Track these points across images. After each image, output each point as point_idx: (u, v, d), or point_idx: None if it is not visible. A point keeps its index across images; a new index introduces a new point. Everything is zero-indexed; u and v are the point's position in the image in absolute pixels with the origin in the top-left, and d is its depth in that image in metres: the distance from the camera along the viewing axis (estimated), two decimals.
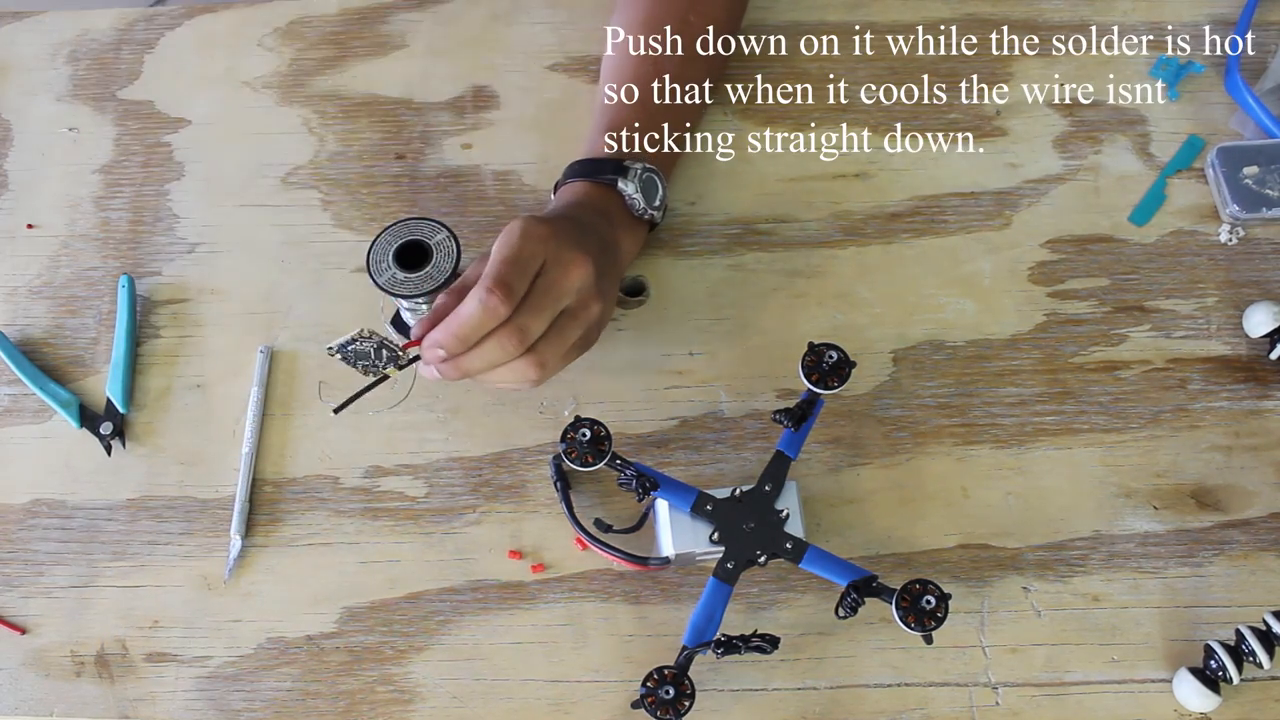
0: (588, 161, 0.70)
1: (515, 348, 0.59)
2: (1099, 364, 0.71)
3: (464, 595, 0.66)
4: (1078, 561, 0.66)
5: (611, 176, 0.68)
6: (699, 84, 0.74)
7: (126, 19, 0.86)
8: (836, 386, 0.64)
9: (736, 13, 0.78)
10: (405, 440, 0.70)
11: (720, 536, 0.62)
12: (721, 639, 0.60)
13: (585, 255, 0.60)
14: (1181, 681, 0.62)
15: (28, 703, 0.64)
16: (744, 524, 0.62)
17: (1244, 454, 0.69)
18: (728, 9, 0.77)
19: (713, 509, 0.63)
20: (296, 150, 0.79)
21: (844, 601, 0.59)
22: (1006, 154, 0.78)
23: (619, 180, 0.68)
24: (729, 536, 0.62)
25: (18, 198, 0.79)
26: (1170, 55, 0.81)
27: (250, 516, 0.68)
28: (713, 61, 0.76)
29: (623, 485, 0.62)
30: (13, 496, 0.70)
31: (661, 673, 0.59)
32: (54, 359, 0.73)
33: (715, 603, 0.61)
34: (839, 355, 0.64)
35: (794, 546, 0.62)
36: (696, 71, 0.74)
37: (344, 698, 0.64)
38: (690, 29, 0.74)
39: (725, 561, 0.62)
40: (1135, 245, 0.75)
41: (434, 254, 0.68)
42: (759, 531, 0.62)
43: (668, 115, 0.73)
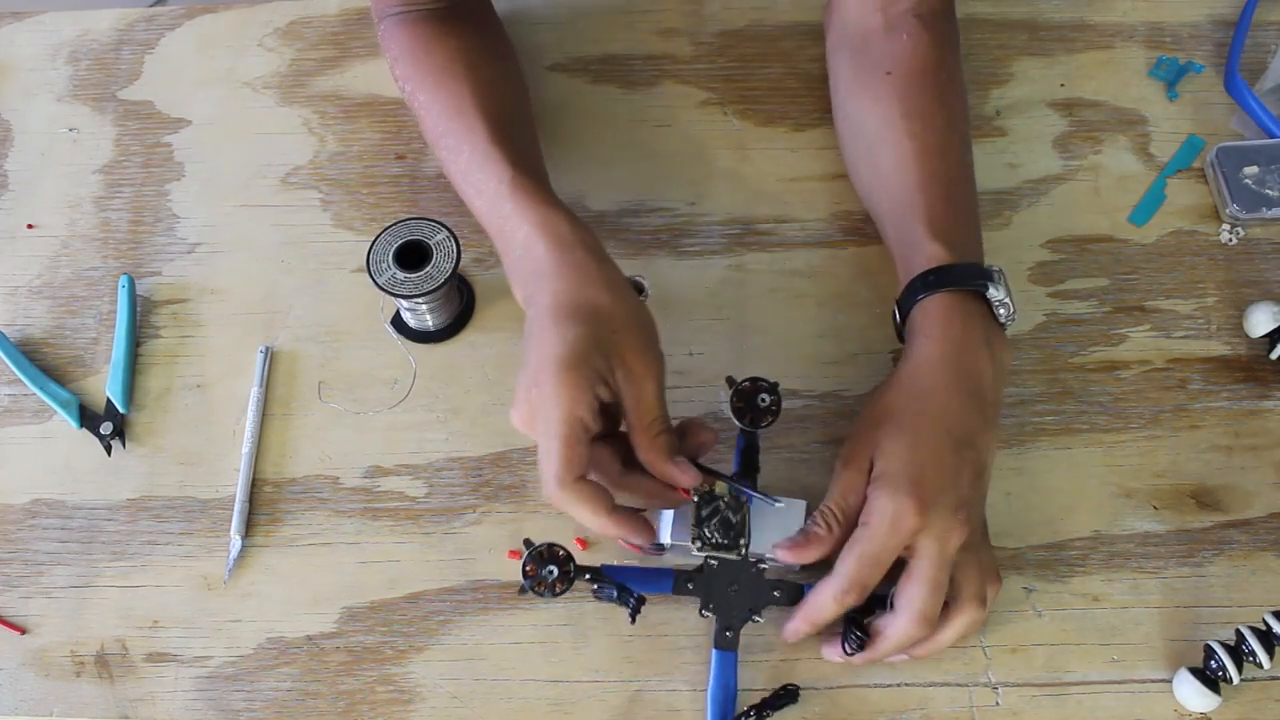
0: (942, 272, 0.62)
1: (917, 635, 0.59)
2: (1099, 364, 0.71)
3: (464, 595, 0.66)
4: (1078, 561, 0.66)
5: (981, 282, 0.62)
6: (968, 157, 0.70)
7: (126, 19, 0.86)
8: (768, 424, 0.65)
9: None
10: (405, 440, 0.70)
11: (711, 608, 0.61)
12: (748, 712, 0.61)
13: (962, 525, 0.57)
14: (1181, 681, 0.62)
15: (28, 703, 0.64)
16: (729, 588, 0.62)
17: (1244, 454, 0.69)
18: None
19: (694, 585, 0.62)
20: (296, 150, 0.79)
21: (848, 639, 0.60)
22: (1006, 154, 0.78)
23: (990, 286, 0.62)
24: (719, 606, 0.61)
25: (18, 198, 0.79)
26: (1170, 55, 0.81)
27: (250, 516, 0.68)
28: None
29: (603, 598, 0.62)
30: (13, 496, 0.70)
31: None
32: (54, 359, 0.73)
33: (727, 673, 0.61)
34: (770, 397, 0.65)
35: (784, 593, 0.62)
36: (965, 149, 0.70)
37: (344, 698, 0.64)
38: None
39: (723, 631, 0.61)
40: (1135, 245, 0.75)
41: (434, 254, 0.68)
42: (745, 589, 0.62)
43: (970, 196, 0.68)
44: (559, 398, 0.55)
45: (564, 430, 0.55)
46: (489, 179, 0.65)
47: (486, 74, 0.70)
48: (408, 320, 0.72)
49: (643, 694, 0.63)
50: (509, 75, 0.73)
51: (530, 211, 0.62)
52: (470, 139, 0.66)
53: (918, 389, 0.61)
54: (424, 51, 0.70)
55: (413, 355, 0.72)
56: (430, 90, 0.69)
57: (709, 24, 0.83)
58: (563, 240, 0.61)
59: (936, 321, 0.62)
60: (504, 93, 0.70)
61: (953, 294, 0.62)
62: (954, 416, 0.59)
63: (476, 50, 0.71)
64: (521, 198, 0.63)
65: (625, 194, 0.77)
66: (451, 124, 0.68)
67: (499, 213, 0.64)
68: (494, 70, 0.71)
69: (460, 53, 0.70)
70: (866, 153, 0.71)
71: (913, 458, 0.58)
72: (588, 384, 0.56)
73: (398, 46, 0.72)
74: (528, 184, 0.64)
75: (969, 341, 0.61)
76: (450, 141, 0.68)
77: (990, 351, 0.62)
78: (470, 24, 0.72)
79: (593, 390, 0.56)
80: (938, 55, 0.70)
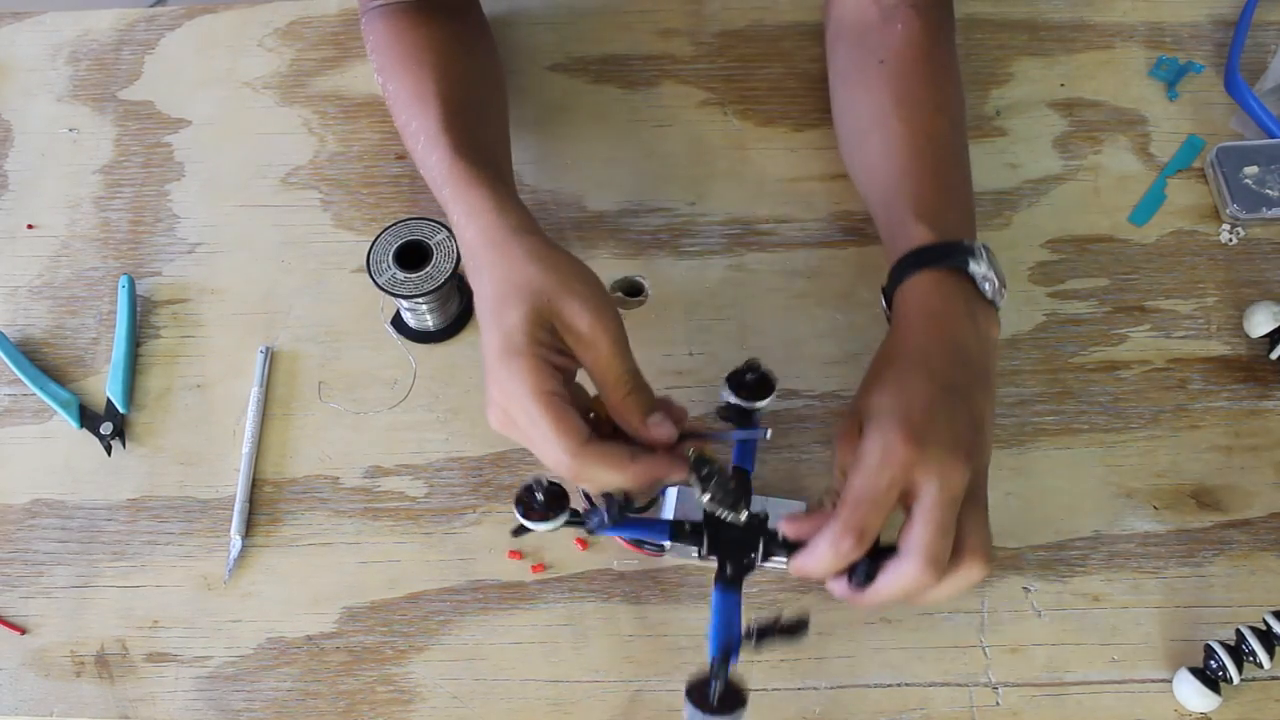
0: (923, 252, 0.61)
1: (930, 582, 0.55)
2: (1099, 364, 0.71)
3: (464, 595, 0.66)
4: (1078, 561, 0.66)
5: (962, 259, 0.60)
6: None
7: (127, 19, 0.86)
8: (765, 398, 0.64)
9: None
10: (405, 440, 0.70)
11: (709, 549, 0.59)
12: (752, 629, 0.57)
13: (961, 462, 0.54)
14: (1181, 681, 0.62)
15: (28, 703, 0.64)
16: (727, 534, 0.59)
17: (1244, 454, 0.69)
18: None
19: (692, 529, 0.60)
20: (296, 150, 0.80)
21: (856, 571, 0.56)
22: (1006, 154, 0.78)
23: (970, 261, 0.60)
24: (720, 551, 0.59)
25: (18, 198, 0.79)
26: (1170, 55, 0.81)
27: (250, 516, 0.68)
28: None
29: (595, 520, 0.58)
30: (13, 496, 0.70)
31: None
32: (54, 359, 0.73)
33: (729, 612, 0.58)
34: (754, 374, 0.64)
35: (787, 539, 0.58)
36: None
37: (344, 698, 0.64)
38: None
39: (724, 570, 0.59)
40: (1135, 245, 0.75)
41: (434, 254, 0.68)
42: (746, 536, 0.59)
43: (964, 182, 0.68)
44: (520, 383, 0.54)
45: (540, 407, 0.54)
46: (436, 164, 0.64)
47: (453, 63, 0.69)
48: (408, 320, 0.72)
49: (643, 694, 0.63)
50: (480, 66, 0.72)
51: (462, 198, 0.61)
52: (424, 124, 0.66)
53: (898, 353, 0.59)
54: (396, 40, 0.70)
55: (413, 355, 0.72)
56: (398, 79, 0.69)
57: (709, 24, 0.83)
58: (488, 225, 0.60)
59: (916, 299, 0.61)
60: (468, 81, 0.69)
61: (934, 272, 0.61)
62: (938, 367, 0.57)
63: (447, 40, 0.70)
64: (456, 182, 0.62)
65: (625, 194, 0.77)
66: (412, 109, 0.67)
67: (442, 199, 0.64)
68: (463, 61, 0.70)
69: (430, 41, 0.70)
70: (859, 141, 0.71)
71: (897, 400, 0.56)
72: (540, 362, 0.54)
73: (375, 37, 0.72)
74: (464, 169, 0.62)
75: (950, 312, 0.60)
76: (412, 126, 0.67)
77: (974, 323, 0.60)
78: (447, 16, 0.72)
79: (548, 365, 0.55)
80: (930, 43, 0.69)
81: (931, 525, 0.54)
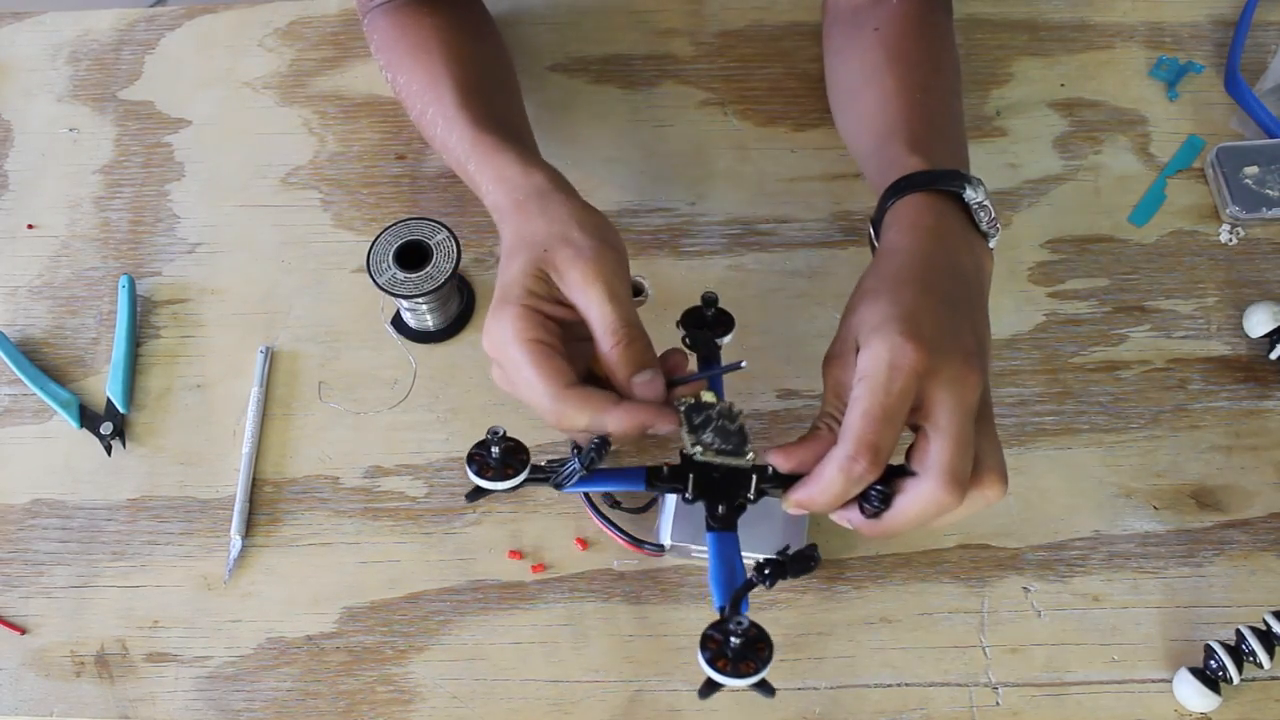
0: (917, 176, 0.59)
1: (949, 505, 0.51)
2: (1099, 364, 0.71)
3: (464, 595, 0.66)
4: (1078, 561, 0.66)
5: (958, 184, 0.57)
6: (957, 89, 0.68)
7: (127, 19, 0.86)
8: (728, 334, 0.62)
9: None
10: (405, 440, 0.70)
11: (694, 493, 0.54)
12: (763, 571, 0.51)
13: (975, 371, 0.51)
14: (1181, 681, 0.62)
15: (28, 703, 0.64)
16: (711, 474, 0.54)
17: (1244, 454, 0.69)
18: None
19: (671, 472, 0.54)
20: (296, 150, 0.80)
21: (868, 498, 0.52)
22: (1006, 154, 0.78)
23: (967, 187, 0.57)
24: (703, 488, 0.54)
25: (18, 198, 0.79)
26: (1170, 55, 0.81)
27: (250, 516, 0.68)
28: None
29: (567, 469, 0.54)
30: (13, 496, 0.70)
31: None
32: (54, 359, 0.73)
33: (728, 552, 0.53)
34: (715, 310, 0.62)
35: (776, 473, 0.54)
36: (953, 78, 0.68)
37: (344, 698, 0.64)
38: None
39: (714, 512, 0.54)
40: (1135, 245, 0.75)
41: (434, 254, 0.68)
42: (731, 475, 0.54)
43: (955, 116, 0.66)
44: (505, 330, 0.53)
45: (523, 352, 0.53)
46: (458, 142, 0.64)
47: (461, 47, 0.70)
48: (408, 320, 0.72)
49: (643, 694, 0.63)
50: (486, 49, 0.73)
51: (488, 165, 0.61)
52: (441, 108, 0.66)
53: (890, 269, 0.56)
54: (402, 35, 0.71)
55: (413, 355, 0.72)
56: (408, 70, 0.69)
57: (709, 24, 0.83)
58: (514, 187, 0.60)
59: (909, 217, 0.57)
60: (479, 63, 0.70)
61: (926, 194, 0.57)
62: (935, 281, 0.54)
63: (453, 28, 0.71)
64: (480, 154, 0.62)
65: (625, 194, 0.77)
66: (426, 96, 0.68)
67: (468, 175, 0.64)
68: (471, 45, 0.71)
69: (436, 30, 0.70)
70: (851, 99, 0.70)
71: (898, 309, 0.52)
72: (528, 310, 0.54)
73: (380, 35, 0.72)
74: (487, 139, 0.63)
75: (945, 230, 0.56)
76: (429, 114, 0.67)
77: (969, 245, 0.57)
78: (448, 5, 0.72)
79: (537, 315, 0.54)
80: (927, 11, 0.69)
81: (951, 440, 0.50)
